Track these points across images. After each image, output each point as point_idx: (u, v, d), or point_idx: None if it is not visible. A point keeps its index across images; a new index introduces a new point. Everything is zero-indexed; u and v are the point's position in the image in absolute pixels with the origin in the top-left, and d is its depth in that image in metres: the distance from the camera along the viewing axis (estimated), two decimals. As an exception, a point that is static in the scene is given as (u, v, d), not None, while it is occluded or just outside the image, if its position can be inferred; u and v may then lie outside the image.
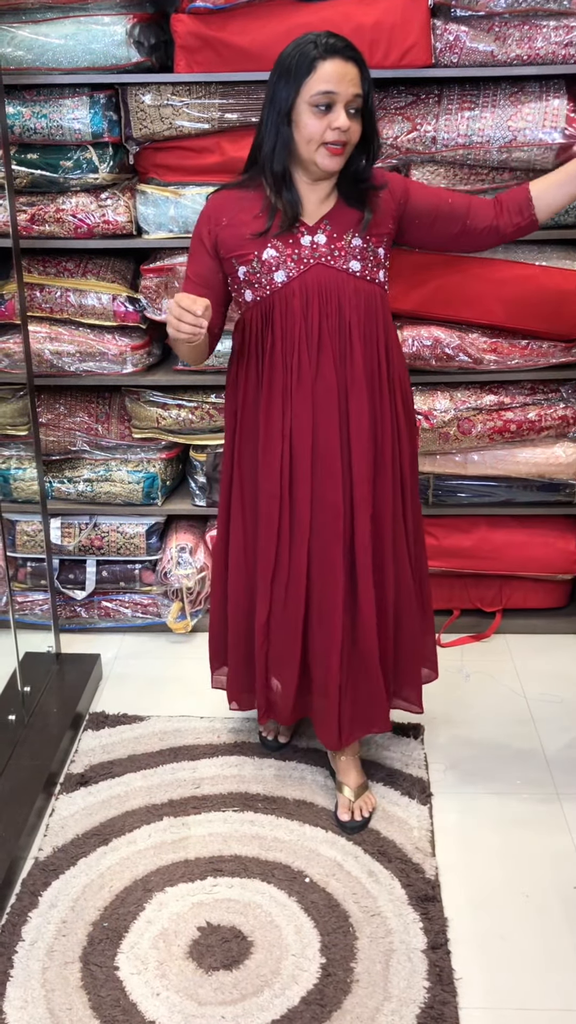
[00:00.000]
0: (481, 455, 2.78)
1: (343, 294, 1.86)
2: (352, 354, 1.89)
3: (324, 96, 1.73)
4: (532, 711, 2.61)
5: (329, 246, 1.85)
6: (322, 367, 1.89)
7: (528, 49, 2.39)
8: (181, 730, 2.52)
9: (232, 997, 1.77)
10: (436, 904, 1.97)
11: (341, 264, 1.86)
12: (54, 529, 2.90)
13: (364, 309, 1.89)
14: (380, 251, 1.90)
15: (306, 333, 1.87)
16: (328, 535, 1.99)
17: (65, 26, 2.42)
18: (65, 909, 1.97)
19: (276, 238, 1.85)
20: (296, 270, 1.85)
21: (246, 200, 1.88)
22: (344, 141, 1.77)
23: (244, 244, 1.86)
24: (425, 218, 1.96)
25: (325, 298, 1.86)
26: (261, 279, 1.87)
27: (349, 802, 2.18)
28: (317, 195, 1.87)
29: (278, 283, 1.86)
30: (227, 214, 1.88)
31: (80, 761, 2.41)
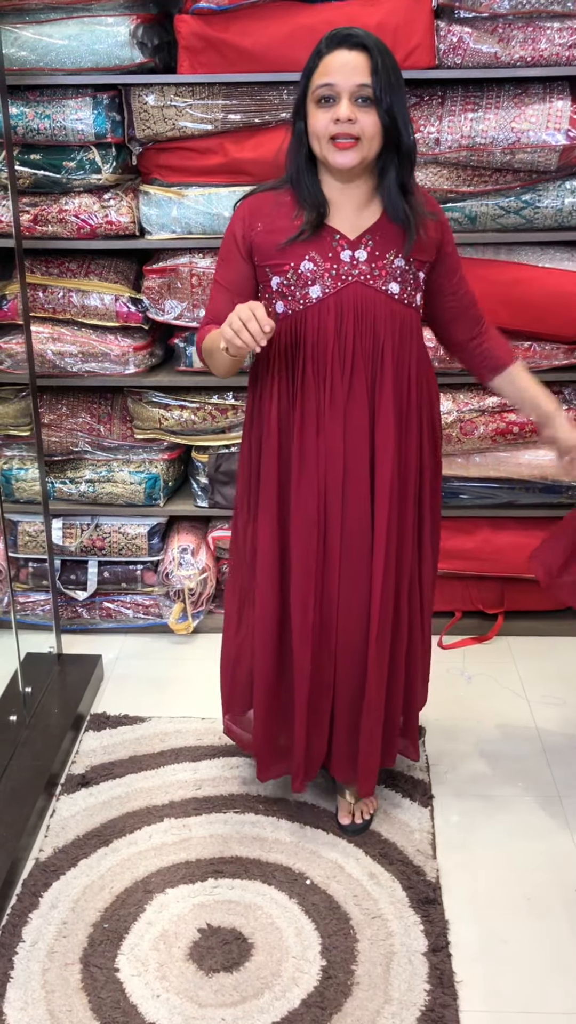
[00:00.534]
0: (483, 457, 2.78)
1: (378, 316, 1.77)
2: (383, 379, 1.81)
3: (325, 88, 1.65)
4: (534, 713, 2.61)
5: (370, 264, 1.75)
6: (354, 389, 1.80)
7: (532, 51, 2.38)
8: (182, 731, 2.51)
9: (232, 999, 1.77)
10: (437, 907, 1.97)
11: (380, 284, 1.76)
12: (56, 530, 2.90)
13: (399, 333, 1.80)
14: (421, 275, 1.82)
15: (339, 353, 1.78)
16: (356, 567, 1.90)
17: (69, 27, 2.42)
18: (66, 910, 1.97)
19: (315, 251, 1.74)
20: (333, 286, 1.75)
21: (282, 205, 1.78)
22: (352, 134, 1.65)
23: (280, 253, 1.76)
24: (439, 280, 1.88)
25: (360, 318, 1.77)
26: (295, 292, 1.77)
27: (350, 805, 2.18)
28: (352, 201, 1.75)
29: (313, 298, 1.76)
30: (263, 218, 1.78)
31: (81, 762, 2.41)
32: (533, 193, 2.51)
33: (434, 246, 1.82)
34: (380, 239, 1.76)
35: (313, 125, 1.68)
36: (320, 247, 1.75)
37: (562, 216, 2.53)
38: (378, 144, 1.69)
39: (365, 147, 1.68)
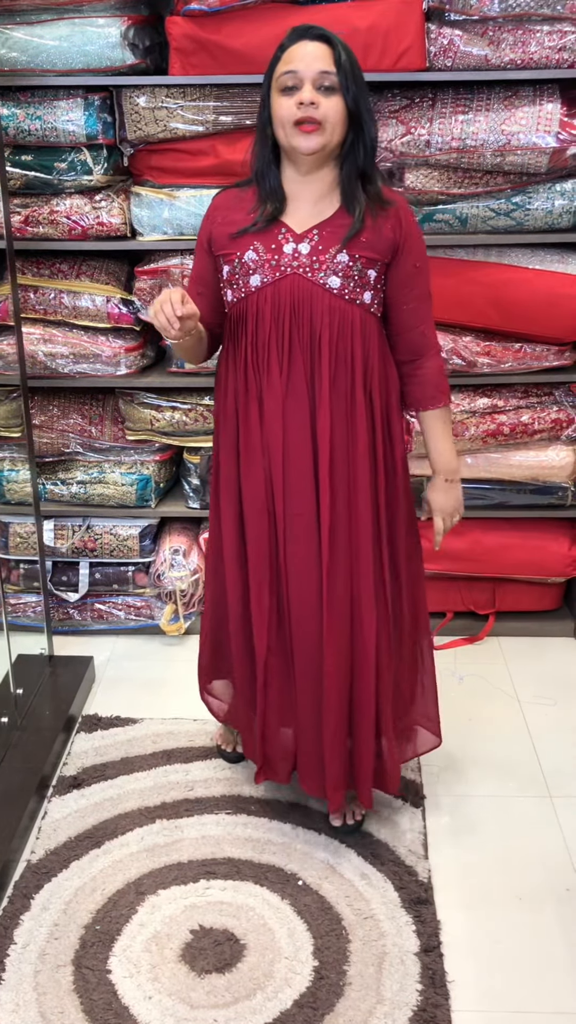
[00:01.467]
0: (475, 458, 2.79)
1: (315, 309, 1.78)
2: (320, 371, 1.81)
3: (289, 76, 1.69)
4: (525, 713, 2.62)
5: (311, 257, 1.77)
6: (293, 379, 1.82)
7: (522, 53, 2.39)
8: (174, 732, 2.51)
9: (225, 1000, 1.77)
10: (429, 907, 1.97)
11: (318, 278, 1.77)
12: (47, 531, 2.89)
13: (338, 328, 1.79)
14: (371, 272, 1.79)
15: (277, 342, 1.81)
16: (304, 555, 1.89)
17: (60, 28, 2.41)
18: (57, 912, 1.96)
19: (260, 242, 1.79)
20: (271, 277, 1.79)
21: (244, 199, 1.84)
22: (314, 118, 1.68)
23: (231, 243, 1.82)
24: (390, 290, 1.85)
25: (296, 310, 1.79)
26: (240, 280, 1.82)
27: None
28: (311, 194, 1.78)
29: (252, 287, 1.81)
30: (223, 212, 1.85)
31: (73, 764, 2.40)
32: (523, 195, 2.52)
33: (388, 247, 1.80)
34: (328, 234, 1.78)
35: (277, 111, 1.71)
36: (266, 239, 1.79)
37: (552, 218, 2.54)
38: (340, 132, 1.73)
39: (328, 132, 1.70)
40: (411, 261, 1.84)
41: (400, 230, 1.80)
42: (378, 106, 2.49)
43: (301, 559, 1.90)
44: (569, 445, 2.78)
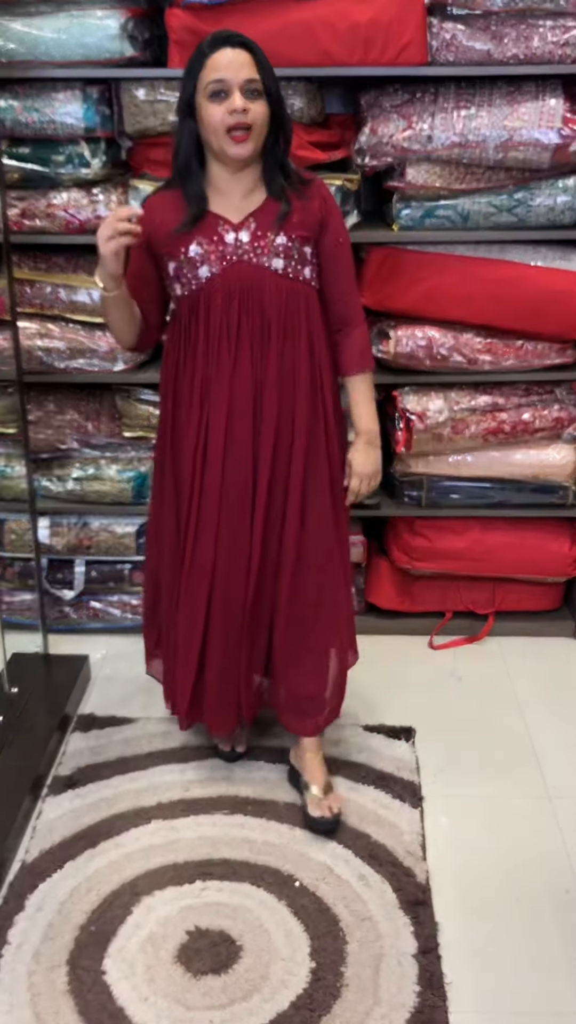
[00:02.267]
0: (475, 456, 2.77)
1: (264, 291, 1.90)
2: (268, 350, 1.93)
3: (217, 84, 1.79)
4: (524, 714, 2.60)
5: (252, 244, 1.89)
6: (240, 361, 1.94)
7: (524, 48, 2.38)
8: (170, 732, 2.49)
9: (220, 1002, 1.75)
10: (427, 908, 1.95)
11: (263, 261, 1.90)
12: (43, 528, 2.87)
13: (285, 306, 1.92)
14: (307, 249, 1.93)
15: (227, 328, 1.92)
16: (236, 524, 2.03)
17: (58, 20, 2.39)
18: (52, 912, 1.94)
19: (201, 235, 1.89)
20: (218, 266, 1.90)
21: (175, 200, 1.93)
22: (246, 123, 1.80)
23: (172, 241, 1.90)
24: (319, 261, 1.99)
25: (245, 295, 1.90)
26: (188, 274, 1.92)
27: (319, 799, 2.16)
28: (240, 188, 1.90)
29: (202, 279, 1.91)
30: (157, 214, 1.92)
31: (67, 763, 2.38)
32: (525, 191, 2.51)
33: (316, 221, 1.94)
34: (262, 219, 1.90)
35: (209, 119, 1.81)
36: (206, 232, 1.90)
37: (554, 215, 2.52)
38: (265, 131, 1.86)
39: (256, 136, 1.84)
40: (335, 236, 1.98)
41: (324, 207, 1.95)
42: (379, 101, 2.48)
43: (234, 524, 2.03)
44: (570, 444, 2.76)
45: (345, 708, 2.27)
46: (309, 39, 2.37)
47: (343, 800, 2.19)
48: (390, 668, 2.78)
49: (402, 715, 2.56)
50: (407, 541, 2.87)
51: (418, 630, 2.96)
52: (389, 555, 2.93)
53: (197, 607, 2.10)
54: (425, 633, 2.95)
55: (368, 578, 2.98)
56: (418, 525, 2.86)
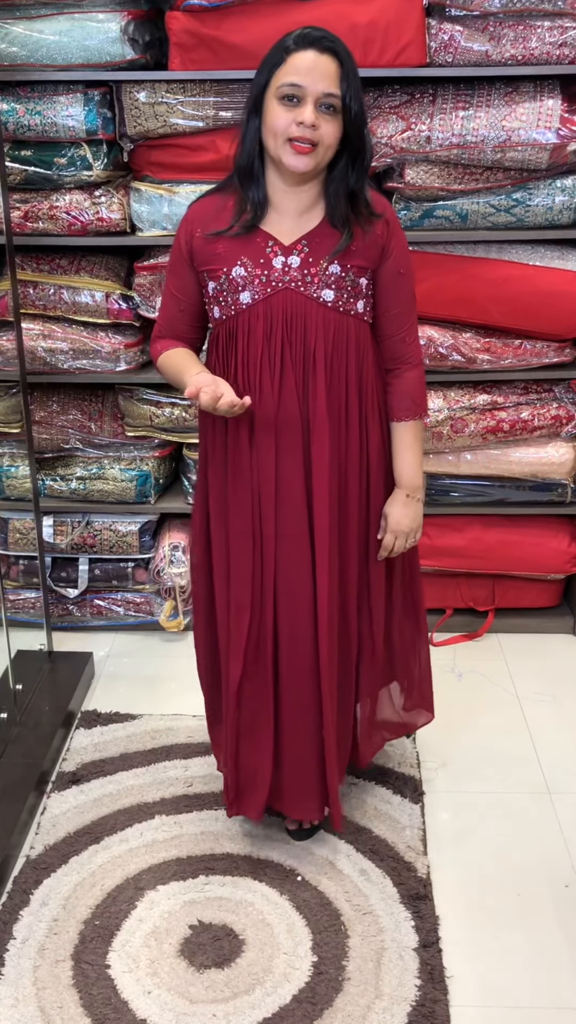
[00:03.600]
0: (474, 454, 2.79)
1: (309, 323, 1.73)
2: (315, 386, 1.76)
3: (291, 88, 1.59)
4: (524, 710, 2.62)
5: (302, 271, 1.71)
6: (284, 397, 1.76)
7: (522, 49, 2.39)
8: (174, 728, 2.51)
9: (224, 995, 1.77)
10: (428, 902, 1.97)
11: (312, 292, 1.72)
12: (47, 527, 2.89)
13: (332, 340, 1.75)
14: (362, 281, 1.75)
15: (268, 359, 1.75)
16: (295, 579, 1.84)
17: (60, 23, 2.41)
18: (56, 907, 1.96)
19: (247, 256, 1.72)
20: (262, 293, 1.72)
21: (224, 208, 1.75)
22: (311, 139, 1.61)
23: (215, 259, 1.74)
24: (375, 292, 1.81)
25: (289, 325, 1.73)
26: (228, 298, 1.75)
27: None
28: (296, 205, 1.72)
29: (243, 304, 1.74)
30: (202, 224, 1.76)
31: (72, 759, 2.40)
32: (524, 191, 2.52)
33: (378, 252, 1.76)
34: (316, 245, 1.72)
35: (273, 121, 1.63)
36: (252, 252, 1.72)
37: (552, 214, 2.54)
38: (333, 152, 1.67)
39: (321, 154, 1.64)
40: (396, 266, 1.79)
41: (387, 233, 1.76)
42: (378, 102, 2.49)
43: (293, 582, 1.84)
44: (569, 442, 2.78)
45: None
46: (309, 41, 2.37)
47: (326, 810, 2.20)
48: (391, 665, 2.80)
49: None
50: (408, 539, 2.88)
51: (419, 627, 2.98)
52: (390, 553, 2.95)
53: (266, 681, 1.90)
54: (426, 630, 2.97)
55: (369, 576, 3.00)
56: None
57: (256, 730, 1.94)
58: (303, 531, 1.82)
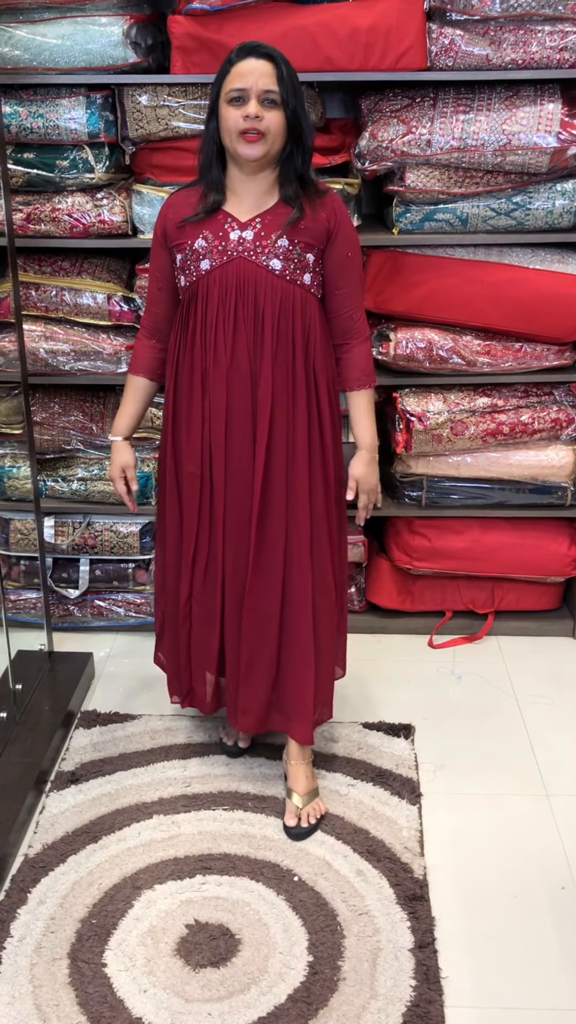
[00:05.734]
0: (474, 457, 2.79)
1: (259, 288, 1.96)
2: (263, 344, 1.98)
3: (237, 91, 1.87)
4: (523, 712, 2.62)
5: (255, 242, 1.95)
6: (237, 353, 1.99)
7: (523, 53, 2.40)
8: (172, 729, 2.52)
9: (219, 994, 1.78)
10: (424, 903, 1.98)
11: (262, 261, 1.95)
12: (48, 528, 2.90)
13: (280, 305, 1.97)
14: (309, 256, 1.98)
15: (223, 319, 1.98)
16: (241, 519, 2.08)
17: (62, 26, 2.42)
18: (54, 906, 1.97)
19: (208, 230, 1.96)
20: (219, 260, 1.96)
21: (192, 196, 2.02)
22: (258, 129, 1.87)
23: (182, 234, 1.99)
24: (326, 275, 2.03)
25: (242, 290, 1.96)
26: (190, 266, 1.99)
27: (296, 808, 2.18)
28: (254, 191, 1.96)
29: (202, 271, 1.98)
30: (174, 209, 2.02)
31: (71, 759, 2.41)
32: (524, 195, 2.53)
33: (323, 233, 1.98)
34: (269, 221, 1.96)
35: (225, 121, 1.90)
36: (213, 227, 1.97)
37: (552, 218, 2.54)
38: (280, 141, 1.92)
39: (269, 141, 1.90)
40: (344, 249, 2.02)
41: (334, 219, 1.99)
42: (379, 106, 2.50)
43: (239, 517, 2.08)
44: (569, 445, 2.78)
45: (345, 705, 2.29)
46: (310, 45, 2.39)
47: (324, 810, 2.22)
48: (390, 667, 2.81)
49: (402, 713, 2.58)
50: (407, 541, 2.89)
51: (418, 629, 2.99)
52: (389, 555, 2.96)
53: (213, 599, 2.15)
54: (425, 632, 2.98)
55: (368, 577, 3.00)
56: (418, 525, 2.88)
57: (204, 642, 2.21)
58: (250, 473, 2.05)
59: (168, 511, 2.19)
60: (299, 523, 2.07)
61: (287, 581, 2.10)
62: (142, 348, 2.17)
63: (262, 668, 2.15)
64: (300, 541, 2.08)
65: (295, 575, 2.09)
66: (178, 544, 2.19)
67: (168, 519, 2.20)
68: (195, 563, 2.15)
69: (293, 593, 2.10)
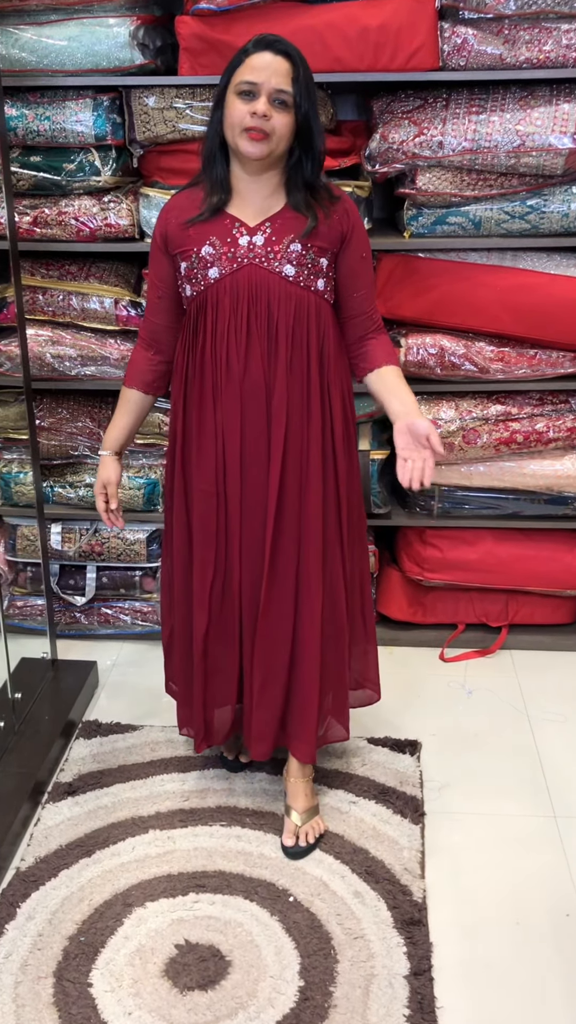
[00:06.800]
0: (487, 466, 2.72)
1: (272, 295, 1.87)
2: (278, 354, 1.89)
3: (248, 84, 1.76)
4: (533, 730, 2.55)
5: (266, 248, 1.85)
6: (250, 364, 1.90)
7: (538, 52, 2.33)
8: (173, 741, 2.48)
9: (206, 1019, 1.72)
10: (422, 928, 1.91)
11: (274, 267, 1.86)
12: (54, 534, 2.88)
13: (294, 313, 1.88)
14: (323, 261, 1.89)
15: (235, 330, 1.88)
16: (255, 538, 1.99)
17: (69, 28, 2.40)
18: (42, 922, 1.93)
19: (215, 236, 1.86)
20: (229, 268, 1.86)
21: (194, 199, 1.90)
22: (264, 129, 1.76)
23: (187, 240, 1.88)
24: (340, 279, 1.94)
25: (254, 297, 1.87)
26: (198, 274, 1.89)
27: (295, 827, 2.12)
28: (258, 193, 1.86)
29: (211, 279, 1.88)
30: (176, 213, 1.91)
31: (69, 770, 2.38)
32: (539, 198, 2.46)
33: (337, 237, 1.89)
34: (279, 226, 1.86)
35: (231, 114, 1.79)
36: (220, 232, 1.87)
37: (568, 221, 2.47)
38: (286, 143, 1.81)
39: (274, 142, 1.79)
40: (359, 251, 1.93)
41: (347, 221, 1.90)
42: (390, 107, 2.45)
43: (254, 538, 1.98)
44: (585, 454, 2.71)
45: (351, 719, 2.23)
46: (319, 45, 2.34)
47: (323, 828, 2.16)
48: (400, 680, 2.74)
49: (409, 728, 2.52)
50: (418, 551, 2.83)
51: (429, 642, 2.92)
52: (400, 565, 2.90)
53: (232, 626, 2.06)
54: (436, 645, 2.91)
55: (379, 588, 2.94)
56: (429, 535, 2.82)
57: (224, 674, 2.10)
58: (263, 486, 1.96)
59: (176, 532, 2.08)
60: (311, 541, 1.98)
61: (298, 601, 2.01)
62: (138, 359, 2.07)
63: (275, 692, 2.06)
64: (311, 560, 1.98)
65: (305, 595, 2.00)
66: (186, 566, 2.07)
67: (176, 540, 2.08)
68: (212, 590, 2.03)
69: (303, 613, 2.01)
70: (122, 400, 2.09)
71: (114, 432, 2.10)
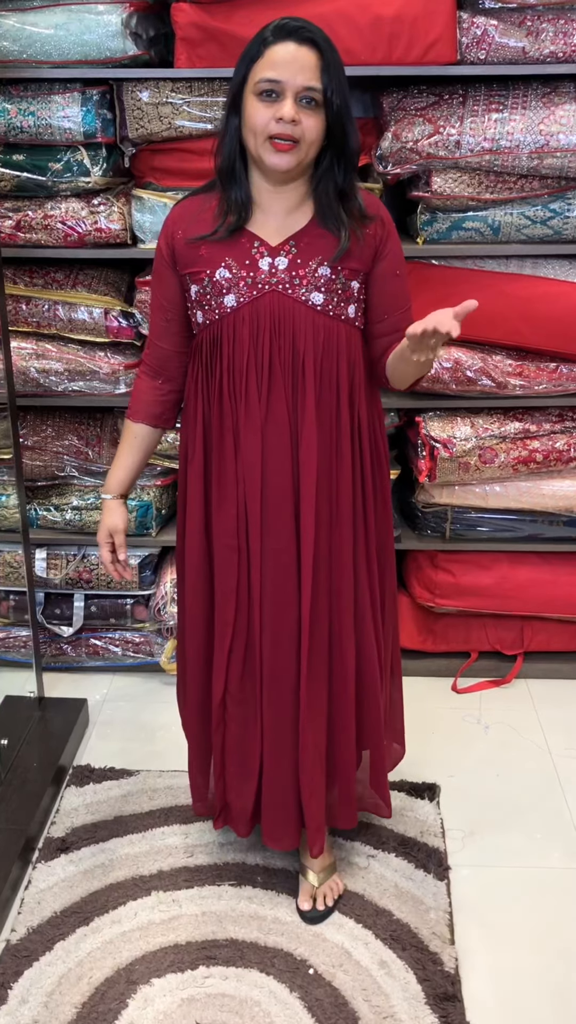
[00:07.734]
0: (504, 487, 2.58)
1: (298, 327, 1.64)
2: (304, 396, 1.67)
3: (269, 83, 1.51)
4: (557, 767, 2.40)
5: (290, 272, 1.63)
6: (273, 404, 1.67)
7: (563, 45, 2.21)
8: (174, 787, 2.30)
9: None
10: (457, 1004, 1.75)
11: (300, 294, 1.63)
12: (39, 560, 2.69)
13: (323, 346, 1.66)
14: (354, 284, 1.66)
15: (256, 365, 1.66)
16: (280, 597, 1.76)
17: (55, 15, 2.23)
18: (37, 1006, 1.74)
19: (231, 258, 1.63)
20: (248, 295, 1.64)
21: (206, 209, 1.66)
22: (292, 136, 1.52)
23: (198, 261, 1.66)
24: (370, 299, 1.70)
25: (277, 329, 1.64)
26: (211, 301, 1.66)
27: (312, 888, 1.95)
28: (282, 205, 1.63)
29: (227, 308, 1.65)
30: (183, 225, 1.68)
31: (61, 823, 2.19)
32: (562, 201, 2.33)
33: (371, 253, 1.66)
34: (305, 245, 1.64)
35: (252, 119, 1.54)
36: (237, 254, 1.64)
37: (593, 227, 2.33)
38: (317, 148, 1.58)
39: (303, 151, 1.56)
40: (392, 267, 1.70)
41: (383, 232, 1.68)
42: (403, 103, 2.30)
43: (278, 598, 1.77)
44: (607, 474, 2.57)
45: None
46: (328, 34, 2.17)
47: (342, 888, 1.99)
48: (412, 714, 2.54)
49: (425, 769, 2.36)
50: (430, 576, 2.68)
51: (441, 671, 2.77)
52: (410, 591, 2.74)
53: (253, 694, 1.84)
54: (449, 675, 2.76)
55: (387, 615, 2.79)
56: (441, 559, 2.67)
57: (243, 748, 1.88)
58: (290, 545, 1.74)
59: (189, 591, 1.86)
60: (343, 597, 1.78)
61: (332, 665, 1.82)
62: (144, 389, 1.83)
63: (322, 771, 1.87)
64: (344, 618, 1.80)
65: (338, 660, 1.82)
66: (201, 630, 1.86)
67: (188, 599, 1.87)
68: (231, 654, 1.81)
69: (337, 677, 1.83)
70: (126, 436, 1.86)
71: (118, 473, 1.86)
